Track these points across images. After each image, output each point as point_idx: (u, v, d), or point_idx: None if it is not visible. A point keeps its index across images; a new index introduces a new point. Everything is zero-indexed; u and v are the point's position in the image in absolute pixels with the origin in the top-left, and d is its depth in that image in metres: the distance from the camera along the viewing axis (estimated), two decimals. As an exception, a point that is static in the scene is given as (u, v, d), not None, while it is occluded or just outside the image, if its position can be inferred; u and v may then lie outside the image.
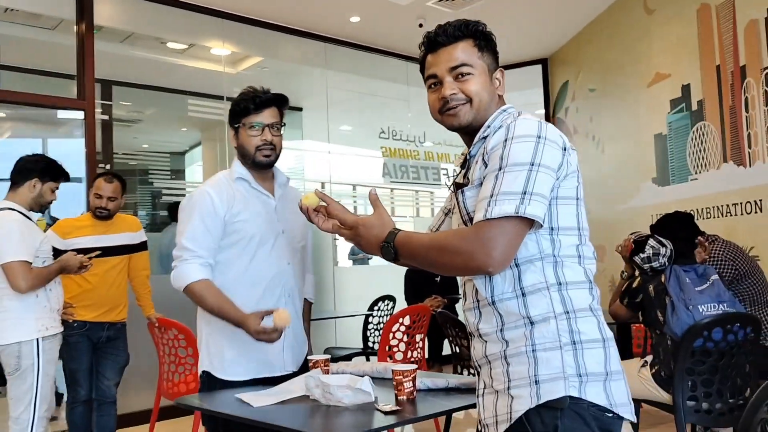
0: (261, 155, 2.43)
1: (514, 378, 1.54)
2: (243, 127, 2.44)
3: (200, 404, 2.10)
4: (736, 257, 3.96)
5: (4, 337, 3.23)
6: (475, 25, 1.71)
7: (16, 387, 3.26)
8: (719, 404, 3.27)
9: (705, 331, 3.23)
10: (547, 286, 1.55)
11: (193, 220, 2.36)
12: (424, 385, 2.10)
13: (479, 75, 1.69)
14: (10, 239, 3.23)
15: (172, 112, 7.16)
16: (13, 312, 3.26)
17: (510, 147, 1.51)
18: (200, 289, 2.32)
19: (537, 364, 1.52)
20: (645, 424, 4.73)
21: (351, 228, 1.70)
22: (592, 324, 1.56)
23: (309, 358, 2.37)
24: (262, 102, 2.42)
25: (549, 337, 1.52)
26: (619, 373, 1.57)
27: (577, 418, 1.49)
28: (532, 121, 1.56)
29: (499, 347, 1.59)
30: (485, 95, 1.69)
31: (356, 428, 1.71)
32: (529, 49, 7.71)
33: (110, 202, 4.05)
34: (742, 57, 5.20)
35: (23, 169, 3.42)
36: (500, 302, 1.58)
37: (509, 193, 1.47)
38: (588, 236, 1.64)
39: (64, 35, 5.82)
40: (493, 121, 1.68)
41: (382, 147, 7.72)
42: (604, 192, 6.98)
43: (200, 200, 2.38)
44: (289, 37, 6.89)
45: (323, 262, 6.98)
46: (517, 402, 1.52)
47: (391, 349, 4.39)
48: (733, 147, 5.30)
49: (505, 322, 1.58)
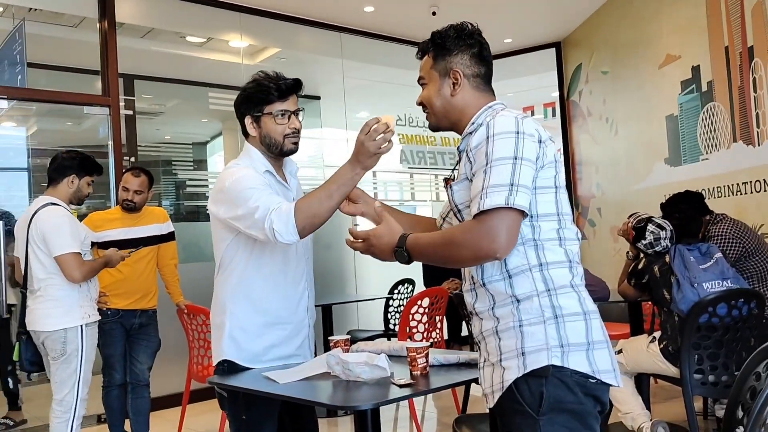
0: (290, 143, 2.36)
1: (505, 351, 1.70)
2: (268, 115, 2.33)
3: (231, 383, 2.24)
4: (744, 235, 4.06)
5: (51, 324, 3.43)
6: (429, 40, 1.92)
7: (61, 371, 3.45)
8: (725, 377, 3.39)
9: (710, 306, 3.35)
10: (529, 268, 1.70)
11: (249, 190, 2.19)
12: (437, 361, 2.25)
13: (430, 84, 1.90)
14: (62, 232, 3.43)
15: (193, 104, 7.33)
16: (60, 300, 3.45)
17: (493, 143, 1.66)
18: (303, 202, 2.14)
19: (523, 337, 1.68)
20: (658, 398, 4.86)
21: (363, 239, 1.85)
22: (572, 299, 1.70)
23: (330, 338, 2.48)
24: (288, 88, 2.35)
25: (533, 312, 1.68)
26: (602, 342, 1.71)
27: (561, 385, 1.64)
28: (509, 118, 1.70)
29: (492, 324, 1.75)
30: (437, 101, 1.89)
31: (373, 400, 1.86)
32: (543, 32, 7.77)
33: (137, 195, 4.22)
34: (749, 38, 5.25)
35: (60, 166, 3.59)
36: (490, 284, 1.74)
37: (498, 186, 1.61)
38: (570, 220, 1.78)
39: (87, 32, 5.99)
40: (478, 118, 1.83)
41: (399, 134, 7.84)
42: (618, 173, 7.07)
43: (243, 178, 2.23)
44: (305, 28, 7.02)
45: (344, 247, 7.10)
46: (507, 372, 1.68)
47: (410, 330, 4.52)
48: (742, 127, 5.37)
49: (496, 301, 1.74)
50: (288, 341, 2.41)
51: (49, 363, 3.52)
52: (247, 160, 2.37)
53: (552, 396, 1.63)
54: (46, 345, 3.46)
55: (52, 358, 3.46)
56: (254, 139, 2.39)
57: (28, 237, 3.48)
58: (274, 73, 2.37)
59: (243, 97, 2.38)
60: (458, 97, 1.87)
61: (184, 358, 4.70)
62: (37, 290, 3.48)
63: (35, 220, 3.47)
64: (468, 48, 1.87)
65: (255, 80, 2.37)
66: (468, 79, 1.87)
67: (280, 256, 2.36)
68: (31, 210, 3.53)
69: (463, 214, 1.79)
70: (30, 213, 3.52)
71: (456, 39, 1.87)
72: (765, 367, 1.75)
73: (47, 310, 3.45)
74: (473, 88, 1.87)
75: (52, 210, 3.50)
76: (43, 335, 3.45)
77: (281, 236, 2.12)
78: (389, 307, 6.17)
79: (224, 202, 2.26)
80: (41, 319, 3.46)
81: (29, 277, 3.52)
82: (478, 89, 1.88)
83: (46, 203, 3.51)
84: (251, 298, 2.35)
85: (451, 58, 1.87)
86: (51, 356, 3.46)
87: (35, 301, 3.49)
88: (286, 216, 2.11)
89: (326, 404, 2.04)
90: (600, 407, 1.71)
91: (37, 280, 3.48)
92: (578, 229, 1.82)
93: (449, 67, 1.87)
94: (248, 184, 2.23)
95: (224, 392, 2.35)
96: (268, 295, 2.35)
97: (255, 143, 2.39)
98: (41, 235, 3.44)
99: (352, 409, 1.84)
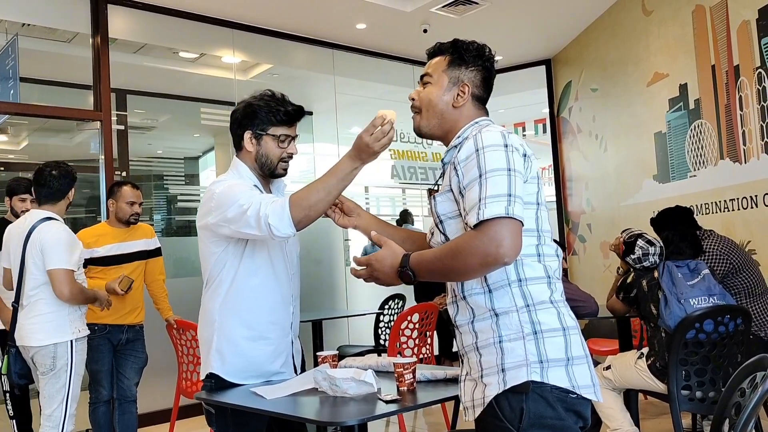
0: (281, 168, 2.38)
1: (486, 367, 1.72)
2: (271, 137, 2.33)
3: (219, 399, 2.25)
4: (731, 252, 4.09)
5: (41, 339, 3.43)
6: (452, 43, 1.92)
7: (50, 385, 3.44)
8: (712, 393, 3.41)
9: (697, 323, 3.37)
10: (509, 283, 1.72)
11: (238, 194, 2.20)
12: (424, 377, 2.26)
13: (434, 86, 1.90)
14: (60, 248, 3.45)
15: (185, 119, 7.35)
16: (50, 315, 3.46)
17: (484, 156, 1.67)
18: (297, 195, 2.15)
19: (503, 353, 1.69)
20: (647, 414, 4.87)
21: (366, 265, 1.82)
22: (551, 315, 1.72)
23: (318, 354, 2.49)
24: (295, 115, 2.37)
25: (513, 328, 1.70)
26: (582, 357, 1.72)
27: (541, 401, 1.65)
28: (495, 132, 1.72)
29: (471, 339, 1.77)
30: (437, 104, 1.89)
31: (360, 416, 1.88)
32: (533, 50, 7.85)
33: (139, 207, 4.30)
34: (735, 57, 5.32)
35: (63, 186, 3.60)
36: (470, 296, 1.76)
37: (496, 196, 1.62)
38: (550, 236, 1.80)
39: (79, 48, 6.02)
40: (464, 132, 1.86)
41: (391, 149, 7.88)
42: (608, 189, 7.12)
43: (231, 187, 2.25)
44: (297, 45, 7.06)
45: (335, 262, 7.15)
46: (488, 388, 1.70)
47: (400, 346, 4.53)
48: (729, 144, 5.42)
49: (476, 314, 1.76)
50: (273, 356, 2.41)
51: (38, 378, 3.51)
52: (234, 175, 2.38)
53: (532, 412, 1.64)
54: (36, 360, 3.46)
55: (41, 373, 3.45)
56: (248, 155, 2.38)
57: (25, 249, 3.46)
58: (280, 95, 2.38)
59: (249, 111, 2.35)
60: (457, 110, 1.88)
61: (173, 373, 4.70)
62: (26, 305, 3.48)
63: (37, 234, 3.46)
64: (482, 69, 1.91)
65: (263, 98, 2.36)
66: (472, 98, 1.89)
67: (267, 270, 2.37)
68: (28, 223, 3.52)
69: (444, 225, 1.80)
70: (27, 225, 3.51)
71: (475, 56, 1.90)
72: (749, 383, 1.77)
73: (36, 325, 3.46)
74: (473, 106, 1.90)
75: (54, 225, 3.52)
76: (32, 350, 3.45)
77: (277, 230, 2.10)
78: (380, 323, 6.18)
79: (213, 209, 2.25)
80: (31, 334, 3.46)
81: (22, 291, 3.51)
82: (476, 108, 1.91)
83: (46, 217, 3.52)
84: (238, 312, 2.35)
85: (466, 71, 1.89)
86: (40, 371, 3.45)
87: (25, 316, 3.49)
88: (281, 209, 2.10)
89: (313, 420, 2.05)
90: (582, 422, 1.72)
91: (26, 295, 3.48)
92: (558, 247, 1.84)
93: (461, 78, 1.89)
94: (238, 189, 2.24)
95: (212, 408, 2.36)
96: (256, 309, 2.35)
97: (247, 158, 2.38)
98: (40, 247, 3.44)
99: (339, 424, 1.85)
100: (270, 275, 2.38)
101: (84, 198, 7.26)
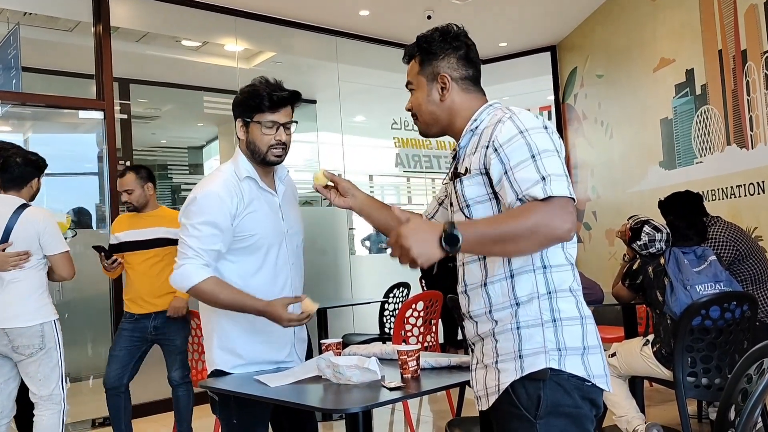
0: (272, 155, 2.35)
1: (502, 353, 1.69)
2: (256, 124, 2.33)
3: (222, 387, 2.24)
4: (738, 238, 4.06)
5: (28, 319, 3.45)
6: (414, 44, 1.90)
7: (44, 366, 3.46)
8: (718, 379, 3.39)
9: (703, 309, 3.35)
10: (533, 269, 1.68)
11: (200, 224, 2.26)
12: (428, 364, 2.25)
13: (418, 90, 1.89)
14: (57, 233, 3.56)
15: (189, 108, 7.32)
16: (34, 296, 3.49)
17: (531, 137, 1.63)
18: (211, 286, 2.25)
19: (521, 340, 1.66)
20: (652, 401, 4.86)
21: (398, 226, 1.54)
22: (570, 303, 1.69)
23: (322, 342, 2.49)
24: (281, 100, 2.34)
25: (532, 315, 1.67)
26: (596, 347, 1.70)
27: (558, 389, 1.63)
28: (530, 114, 1.70)
29: (489, 326, 1.73)
30: (426, 107, 1.87)
31: (363, 403, 1.87)
32: (538, 36, 7.79)
33: (127, 195, 4.22)
34: (743, 41, 5.27)
35: (25, 173, 3.64)
36: (491, 284, 1.72)
37: (558, 175, 1.59)
38: None
39: (81, 37, 6.00)
40: (480, 115, 1.81)
41: (395, 137, 7.86)
42: (613, 176, 7.09)
43: (208, 205, 2.27)
44: (300, 32, 7.03)
45: (340, 251, 7.14)
46: (504, 375, 1.67)
47: (405, 334, 4.52)
48: (736, 130, 5.38)
49: (493, 303, 1.72)
50: (275, 347, 2.41)
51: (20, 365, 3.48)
52: (231, 165, 2.40)
53: (550, 399, 1.62)
54: (21, 342, 3.43)
55: (29, 356, 3.44)
56: (242, 143, 2.40)
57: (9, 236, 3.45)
58: (274, 80, 2.37)
59: (238, 100, 2.39)
60: (447, 102, 1.85)
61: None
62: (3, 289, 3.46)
63: (28, 223, 3.48)
64: (454, 51, 1.85)
65: (252, 85, 2.37)
66: (456, 82, 1.85)
67: (261, 261, 2.36)
68: (6, 209, 3.52)
69: (472, 210, 1.73)
70: (6, 211, 3.50)
71: (442, 42, 1.85)
72: (756, 370, 1.75)
73: (20, 307, 3.46)
74: (462, 90, 1.85)
75: (41, 210, 3.59)
76: (17, 332, 3.43)
77: (174, 281, 2.29)
78: (385, 311, 6.17)
79: (185, 212, 2.32)
80: (17, 315, 3.44)
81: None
82: (467, 91, 1.86)
83: (23, 204, 3.55)
84: None
85: (438, 62, 1.85)
86: (27, 353, 3.44)
87: (5, 299, 3.46)
88: (189, 278, 2.25)
89: (316, 407, 2.04)
90: (596, 411, 1.70)
91: (5, 279, 3.47)
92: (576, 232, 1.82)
93: (436, 71, 1.85)
94: (206, 215, 2.27)
95: (216, 396, 2.35)
96: None
97: (242, 146, 2.41)
98: (37, 235, 3.48)
99: (343, 412, 1.84)
100: (264, 267, 2.37)
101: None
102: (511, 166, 1.63)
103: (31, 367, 3.47)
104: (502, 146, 1.65)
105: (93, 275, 5.42)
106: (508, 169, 1.63)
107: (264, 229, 2.35)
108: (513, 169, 1.62)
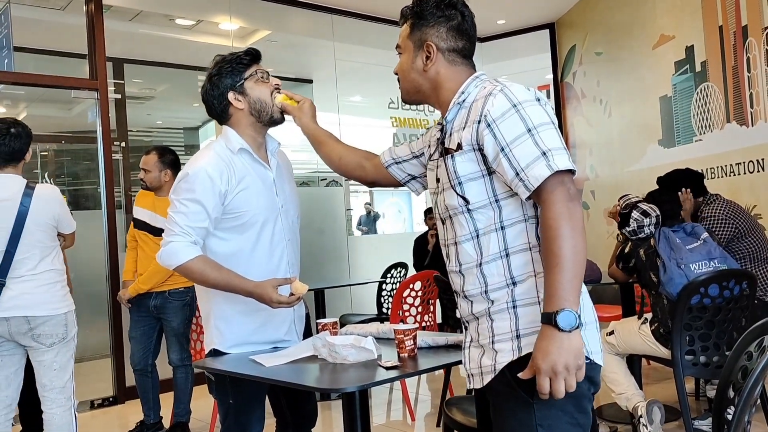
0: (277, 113, 2.36)
1: (498, 333, 1.66)
2: (250, 79, 2.32)
3: (218, 367, 2.22)
4: (737, 216, 4.04)
5: (54, 308, 3.26)
6: (410, 6, 1.83)
7: (61, 355, 3.29)
8: (716, 357, 3.38)
9: (702, 287, 3.34)
10: (529, 247, 1.65)
11: (187, 200, 2.22)
12: (425, 343, 2.23)
13: (404, 54, 1.85)
14: (68, 211, 3.43)
15: (184, 88, 7.28)
16: (59, 285, 3.32)
17: (525, 111, 1.59)
18: (199, 265, 2.20)
19: (518, 318, 1.63)
20: (650, 379, 4.87)
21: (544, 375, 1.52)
22: None
23: (318, 321, 2.44)
24: (253, 53, 2.36)
25: (528, 293, 1.64)
26: (592, 323, 1.67)
27: None
28: (520, 86, 1.66)
29: (484, 305, 1.70)
30: (408, 74, 1.84)
31: (359, 382, 1.84)
32: (537, 14, 7.71)
33: (144, 173, 4.22)
34: (744, 17, 5.21)
35: (22, 148, 3.34)
36: (486, 264, 1.68)
37: (558, 149, 1.57)
38: None
39: (74, 15, 5.92)
40: (467, 87, 1.75)
41: (392, 117, 7.80)
42: (612, 155, 7.05)
43: (198, 182, 2.22)
44: (295, 10, 6.94)
45: (337, 232, 7.11)
46: (500, 355, 1.64)
47: (403, 314, 4.51)
48: (736, 107, 5.34)
49: (489, 282, 1.68)
50: (272, 326, 2.38)
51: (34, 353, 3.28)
52: (222, 141, 2.34)
53: None
54: (42, 331, 3.23)
55: (48, 345, 3.25)
56: (241, 114, 2.33)
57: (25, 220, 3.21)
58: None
59: (216, 79, 2.34)
60: (431, 72, 1.79)
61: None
62: (23, 276, 3.23)
63: (40, 200, 3.26)
64: (446, 20, 1.78)
65: (222, 57, 2.37)
66: (443, 53, 1.78)
67: (256, 237, 2.32)
68: (13, 190, 3.25)
69: (464, 187, 1.68)
70: (14, 192, 3.24)
71: (435, 9, 1.78)
72: (756, 347, 1.73)
73: (47, 294, 3.27)
74: (448, 62, 1.79)
75: (51, 189, 3.41)
76: (40, 320, 3.22)
77: (161, 258, 2.24)
78: (382, 291, 6.16)
79: (176, 188, 2.27)
80: (43, 303, 3.24)
81: (15, 261, 3.23)
82: (453, 64, 1.79)
83: (29, 182, 3.31)
84: None
85: (427, 30, 1.78)
86: (47, 343, 3.24)
87: (28, 285, 3.23)
88: (176, 256, 2.20)
89: (312, 387, 2.01)
90: (594, 389, 1.67)
91: (26, 263, 3.23)
92: None
93: (423, 38, 1.79)
94: (195, 193, 2.21)
95: (212, 376, 2.34)
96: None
97: (242, 118, 2.34)
98: (55, 215, 3.31)
99: (338, 391, 1.81)
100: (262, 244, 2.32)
101: (84, 170, 7.21)
102: (507, 142, 1.59)
103: (48, 354, 3.25)
104: (496, 121, 1.61)
105: (88, 256, 5.41)
106: (504, 145, 1.59)
107: (257, 206, 2.30)
108: (510, 145, 1.58)
